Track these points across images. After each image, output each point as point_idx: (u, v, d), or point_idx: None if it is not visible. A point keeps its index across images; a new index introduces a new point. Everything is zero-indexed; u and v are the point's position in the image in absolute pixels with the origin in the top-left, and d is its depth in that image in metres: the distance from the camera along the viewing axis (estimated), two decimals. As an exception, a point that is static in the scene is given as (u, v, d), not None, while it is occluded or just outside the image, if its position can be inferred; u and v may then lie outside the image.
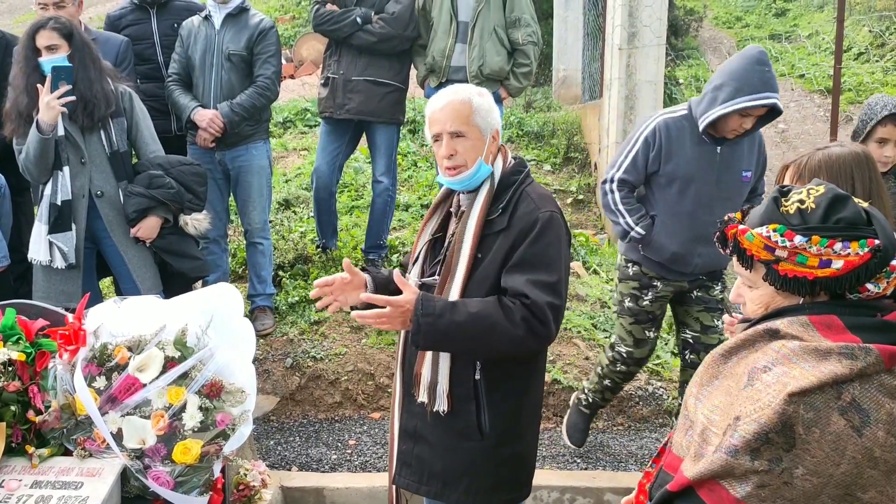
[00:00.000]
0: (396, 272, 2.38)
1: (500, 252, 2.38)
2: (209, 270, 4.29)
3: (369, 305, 2.36)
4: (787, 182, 2.32)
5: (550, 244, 2.37)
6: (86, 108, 3.61)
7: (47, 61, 3.55)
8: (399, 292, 2.34)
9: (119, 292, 3.92)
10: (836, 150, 2.37)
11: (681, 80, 11.88)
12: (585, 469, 4.13)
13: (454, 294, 2.38)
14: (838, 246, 1.50)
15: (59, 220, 3.64)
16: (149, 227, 3.75)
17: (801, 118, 12.17)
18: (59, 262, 3.67)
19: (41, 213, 3.68)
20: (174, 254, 3.85)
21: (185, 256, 3.90)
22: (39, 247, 3.67)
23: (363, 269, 2.61)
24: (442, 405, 2.41)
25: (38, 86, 3.53)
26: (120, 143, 3.76)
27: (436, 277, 2.46)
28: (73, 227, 3.67)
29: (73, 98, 3.54)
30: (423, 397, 2.44)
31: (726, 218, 1.66)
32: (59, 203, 3.63)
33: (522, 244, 2.36)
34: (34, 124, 3.53)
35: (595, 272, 5.93)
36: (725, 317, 2.39)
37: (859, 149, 2.40)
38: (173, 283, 3.86)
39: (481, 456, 2.45)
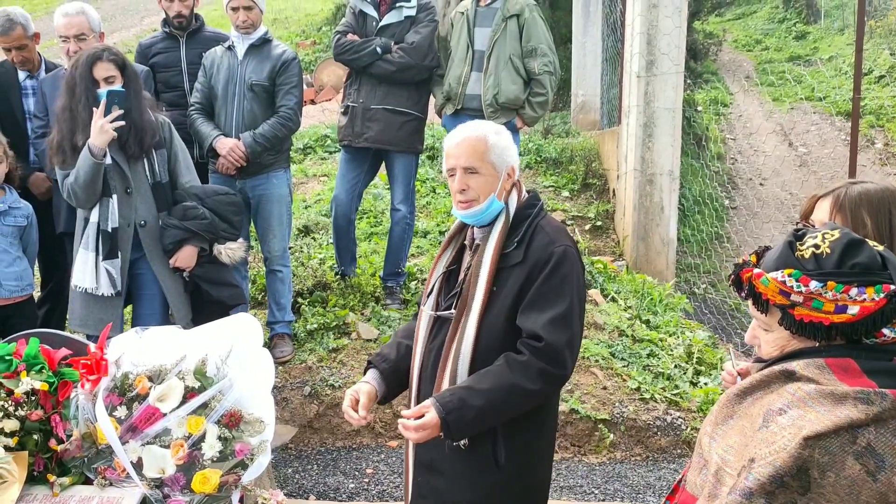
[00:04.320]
0: (403, 422, 2.41)
1: (515, 285, 2.40)
2: (245, 298, 4.31)
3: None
4: (821, 214, 2.32)
5: (566, 278, 2.38)
6: (136, 136, 3.67)
7: (104, 94, 3.59)
8: None
9: (135, 322, 3.94)
10: (871, 186, 2.36)
11: (699, 107, 11.88)
12: (603, 500, 4.11)
13: (471, 327, 2.39)
14: (854, 292, 1.51)
15: (111, 248, 3.69)
16: (186, 256, 3.79)
17: (821, 142, 12.13)
18: (107, 290, 3.70)
19: (87, 241, 3.70)
20: (212, 282, 3.89)
21: (224, 284, 3.93)
22: (85, 274, 3.70)
23: (368, 364, 2.68)
24: (463, 439, 2.41)
25: (94, 109, 3.57)
26: (162, 174, 3.81)
27: (452, 311, 2.47)
28: (119, 255, 3.72)
29: (123, 123, 3.59)
30: None
31: (741, 261, 1.66)
32: (109, 230, 3.68)
33: (538, 278, 2.38)
34: (86, 148, 3.57)
35: (613, 300, 5.91)
36: (727, 365, 2.37)
37: (890, 185, 2.39)
38: (210, 311, 3.87)
39: (498, 488, 2.45)
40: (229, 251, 3.92)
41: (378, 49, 5.12)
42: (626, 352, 5.11)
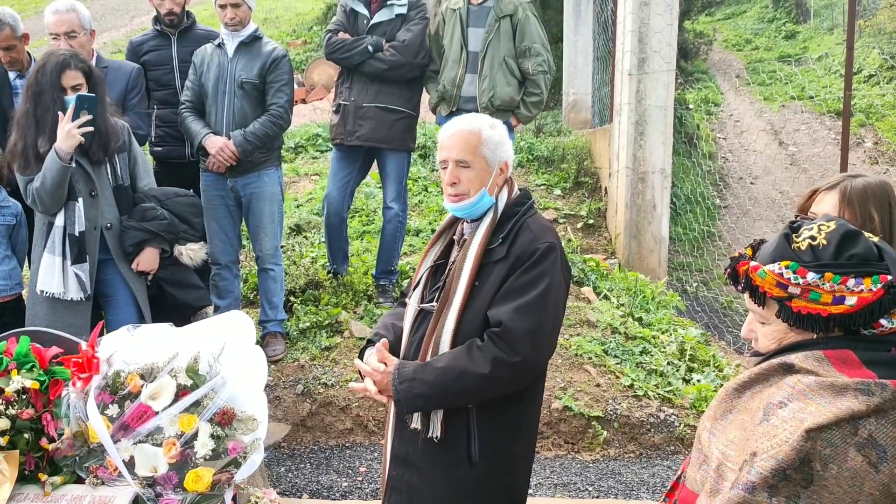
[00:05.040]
0: (378, 347, 2.55)
1: (496, 281, 2.40)
2: (210, 300, 4.27)
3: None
4: (825, 207, 2.32)
5: (543, 273, 2.38)
6: (100, 141, 3.63)
7: (72, 100, 3.55)
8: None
9: (111, 328, 3.89)
10: (871, 179, 2.37)
11: (691, 105, 11.91)
12: (597, 497, 4.11)
13: (450, 320, 2.40)
14: (851, 282, 1.50)
15: (79, 251, 3.64)
16: (147, 259, 3.76)
17: (811, 141, 12.18)
18: (76, 294, 3.65)
19: (53, 245, 3.65)
20: (177, 285, 3.85)
21: (189, 287, 3.90)
22: (52, 278, 3.64)
23: (368, 343, 2.67)
24: (436, 431, 2.40)
25: (60, 113, 3.53)
26: (124, 177, 3.78)
27: (434, 304, 2.48)
28: (87, 258, 3.68)
29: (91, 129, 3.56)
30: (416, 424, 2.44)
31: (737, 254, 1.66)
32: (76, 234, 3.64)
33: (516, 273, 2.38)
34: (53, 152, 3.53)
35: (605, 297, 5.91)
36: None
37: (884, 179, 2.40)
38: (175, 314, 3.83)
39: (471, 485, 2.44)
40: (190, 252, 3.86)
41: (369, 47, 5.10)
42: (619, 349, 5.11)
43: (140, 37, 5.17)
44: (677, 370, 4.98)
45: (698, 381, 4.88)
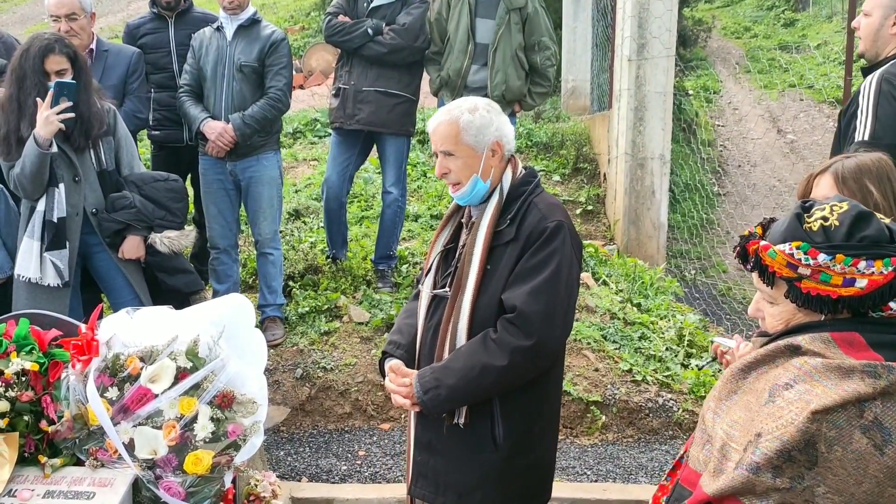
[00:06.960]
0: (391, 366, 2.60)
1: (508, 263, 2.40)
2: (202, 284, 4.24)
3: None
4: (823, 190, 2.30)
5: (554, 252, 2.38)
6: (82, 128, 3.57)
7: (52, 86, 3.49)
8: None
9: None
10: (865, 157, 2.33)
11: (690, 91, 11.88)
12: (595, 481, 4.12)
13: (465, 306, 2.40)
14: (862, 265, 1.49)
15: (56, 237, 3.59)
16: (131, 246, 3.72)
17: (810, 129, 12.15)
18: (53, 280, 3.60)
19: (32, 229, 3.61)
20: (166, 270, 3.81)
21: (178, 272, 3.86)
22: (29, 263, 3.59)
23: (383, 354, 2.70)
24: (461, 419, 2.42)
25: (38, 100, 3.47)
26: (108, 162, 3.73)
27: (447, 290, 2.48)
28: (67, 244, 3.63)
29: (72, 115, 3.49)
30: None
31: (747, 233, 1.65)
32: (55, 220, 3.58)
33: (527, 254, 2.38)
34: (31, 138, 3.47)
35: (604, 283, 5.91)
36: (725, 341, 2.36)
37: (881, 154, 2.36)
38: (167, 299, 3.81)
39: (496, 467, 2.46)
40: (166, 240, 3.77)
41: (369, 30, 5.07)
42: (618, 334, 5.11)
43: (137, 20, 5.14)
44: (676, 355, 4.99)
45: (697, 366, 4.89)
